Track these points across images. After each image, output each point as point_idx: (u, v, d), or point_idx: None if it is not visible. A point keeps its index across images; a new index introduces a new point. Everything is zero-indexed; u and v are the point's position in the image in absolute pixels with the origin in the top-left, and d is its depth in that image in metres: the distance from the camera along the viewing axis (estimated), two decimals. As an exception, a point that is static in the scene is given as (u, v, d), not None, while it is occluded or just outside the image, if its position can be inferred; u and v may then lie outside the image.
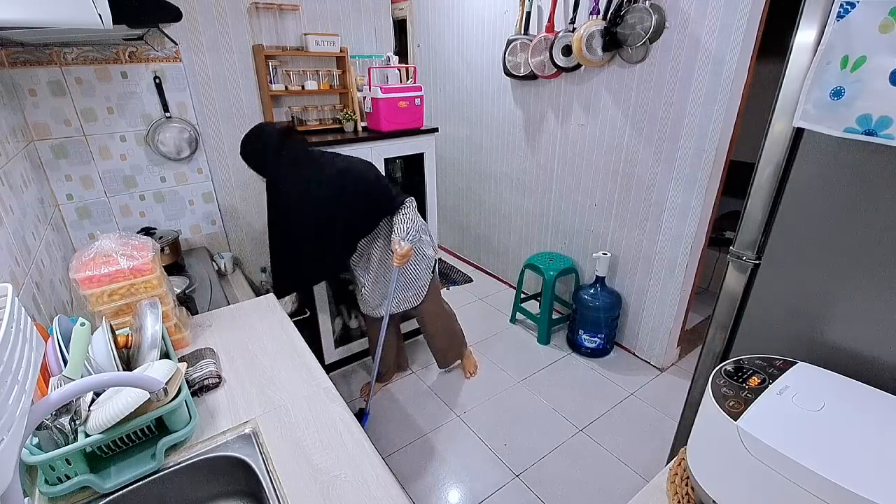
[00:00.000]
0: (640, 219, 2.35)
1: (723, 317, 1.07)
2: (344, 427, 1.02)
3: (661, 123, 2.13)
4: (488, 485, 1.83)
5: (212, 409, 1.07)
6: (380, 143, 2.13)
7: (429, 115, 2.06)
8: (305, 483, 0.88)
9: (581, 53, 2.15)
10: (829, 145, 0.81)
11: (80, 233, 1.90)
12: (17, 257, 1.14)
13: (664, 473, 0.91)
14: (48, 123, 1.72)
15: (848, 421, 0.68)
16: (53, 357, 0.92)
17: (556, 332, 2.80)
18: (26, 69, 1.64)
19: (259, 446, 0.96)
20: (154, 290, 1.20)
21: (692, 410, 0.88)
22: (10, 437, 0.51)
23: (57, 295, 1.40)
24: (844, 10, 0.72)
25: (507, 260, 3.35)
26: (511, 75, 2.71)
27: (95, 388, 0.70)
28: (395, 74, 2.19)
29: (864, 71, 0.71)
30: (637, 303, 2.50)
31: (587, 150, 2.52)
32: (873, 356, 0.82)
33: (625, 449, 1.98)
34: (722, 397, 0.74)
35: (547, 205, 2.88)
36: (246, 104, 2.13)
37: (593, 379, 2.43)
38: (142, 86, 1.87)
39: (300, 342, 1.34)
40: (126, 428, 0.87)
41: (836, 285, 0.85)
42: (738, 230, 0.99)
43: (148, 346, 1.03)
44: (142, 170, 1.97)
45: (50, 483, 0.82)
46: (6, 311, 0.57)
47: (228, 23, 1.98)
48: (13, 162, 1.37)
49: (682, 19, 1.93)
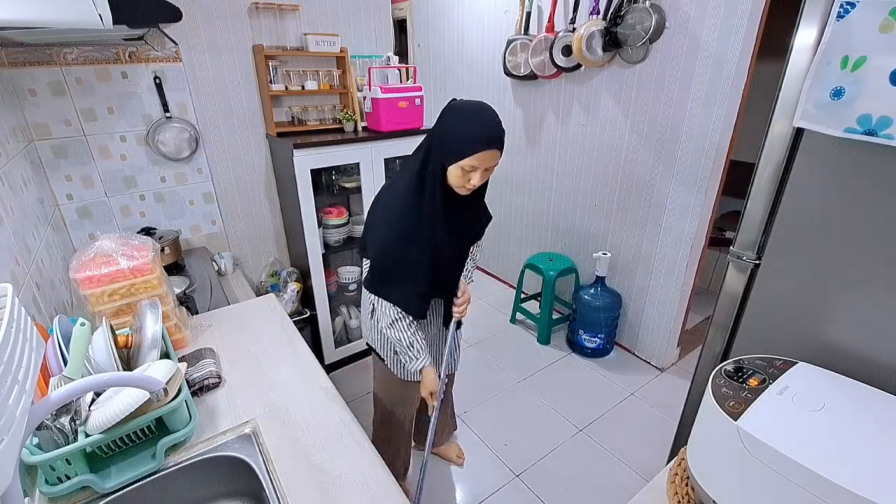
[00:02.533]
0: (640, 219, 2.35)
1: (723, 317, 1.07)
2: (344, 427, 1.02)
3: (661, 123, 2.13)
4: (488, 485, 1.83)
5: (212, 409, 1.07)
6: (380, 143, 2.13)
7: (429, 115, 2.05)
8: (305, 483, 0.88)
9: (581, 53, 2.15)
10: (829, 145, 0.81)
11: (81, 233, 1.90)
12: (18, 257, 1.14)
13: (664, 473, 0.92)
14: (48, 123, 1.72)
15: (848, 421, 0.68)
16: (53, 357, 0.92)
17: (556, 332, 2.79)
18: (26, 69, 1.64)
19: (259, 446, 0.96)
20: (154, 290, 1.20)
21: (692, 410, 0.88)
22: (10, 437, 0.51)
23: (57, 295, 1.40)
24: (844, 10, 0.72)
25: (507, 260, 3.35)
26: (511, 75, 2.71)
27: (95, 388, 0.70)
28: (395, 74, 2.19)
29: (865, 71, 0.71)
30: (637, 303, 2.50)
31: (587, 150, 2.52)
32: (873, 356, 0.82)
33: (625, 449, 1.98)
34: (722, 397, 0.74)
35: (547, 205, 2.88)
36: (246, 104, 2.13)
37: (593, 379, 2.43)
38: (142, 86, 1.87)
39: (300, 342, 1.34)
40: (126, 428, 0.87)
41: (837, 285, 0.85)
42: (738, 230, 0.99)
43: (148, 346, 1.03)
44: (142, 170, 1.97)
45: (50, 483, 0.82)
46: (6, 311, 0.57)
47: (228, 23, 1.98)
48: (13, 162, 1.37)
49: (682, 19, 1.93)
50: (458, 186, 1.13)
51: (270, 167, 2.29)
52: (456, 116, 1.09)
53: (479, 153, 1.05)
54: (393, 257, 1.18)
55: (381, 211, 1.21)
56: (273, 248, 2.47)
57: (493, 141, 1.07)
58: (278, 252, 2.49)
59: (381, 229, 1.19)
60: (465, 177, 1.10)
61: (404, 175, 1.20)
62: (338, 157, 2.05)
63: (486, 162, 1.08)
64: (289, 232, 2.41)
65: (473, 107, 1.10)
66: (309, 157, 1.96)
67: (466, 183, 1.11)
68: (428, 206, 1.14)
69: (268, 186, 2.33)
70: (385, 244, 1.19)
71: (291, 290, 2.26)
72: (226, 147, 2.15)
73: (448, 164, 1.09)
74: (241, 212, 2.30)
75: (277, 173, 2.28)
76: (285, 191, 2.22)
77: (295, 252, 2.39)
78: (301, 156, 1.93)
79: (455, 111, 1.10)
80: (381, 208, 1.21)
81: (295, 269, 2.41)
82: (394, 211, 1.17)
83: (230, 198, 2.24)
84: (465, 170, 1.08)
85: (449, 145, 1.08)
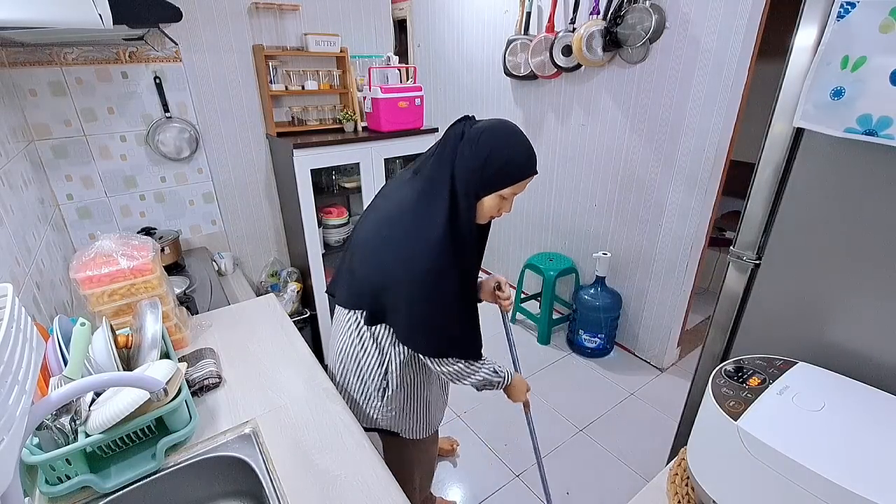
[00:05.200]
0: (640, 219, 2.35)
1: (723, 317, 1.07)
2: (344, 427, 1.02)
3: (661, 123, 2.13)
4: (488, 485, 1.83)
5: (212, 409, 1.07)
6: (380, 143, 2.13)
7: (429, 115, 2.06)
8: (305, 483, 0.88)
9: (581, 53, 2.15)
10: (830, 145, 0.81)
11: (81, 233, 1.90)
12: (18, 257, 1.14)
13: (664, 473, 0.92)
14: (48, 123, 1.72)
15: (848, 421, 0.68)
16: (53, 357, 0.92)
17: (557, 332, 2.79)
18: (26, 69, 1.64)
19: (259, 446, 0.96)
20: (154, 290, 1.20)
21: (692, 410, 0.88)
22: (11, 438, 0.51)
23: (57, 295, 1.40)
24: (844, 11, 0.72)
25: (507, 260, 3.35)
26: (511, 75, 2.71)
27: (95, 388, 0.70)
28: (395, 74, 2.19)
29: (865, 71, 0.71)
30: (637, 303, 2.50)
31: (587, 151, 2.52)
32: (873, 356, 0.82)
33: (625, 449, 1.98)
34: (722, 397, 0.74)
35: (547, 205, 2.88)
36: (246, 104, 2.13)
37: (593, 379, 2.43)
38: (142, 86, 1.87)
39: (300, 342, 1.34)
40: (126, 428, 0.87)
41: (837, 285, 0.85)
42: (738, 230, 0.99)
43: (148, 346, 1.03)
44: (142, 170, 1.97)
45: (50, 483, 0.82)
46: (6, 311, 0.57)
47: (228, 23, 1.98)
48: (13, 162, 1.36)
49: (682, 19, 1.93)
50: (487, 216, 1.03)
51: (270, 167, 2.29)
52: (495, 144, 0.97)
53: (527, 178, 0.99)
54: (454, 306, 1.02)
55: (421, 264, 0.97)
56: (273, 248, 2.47)
57: (535, 162, 1.01)
58: (278, 252, 2.49)
59: (435, 286, 0.98)
60: (501, 204, 1.02)
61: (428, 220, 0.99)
62: (338, 157, 2.05)
63: (525, 186, 1.01)
64: (289, 232, 2.41)
65: (507, 129, 1.00)
66: (309, 157, 1.96)
67: (499, 211, 1.03)
68: (468, 246, 1.02)
69: (268, 186, 2.33)
70: (445, 299, 1.00)
71: (291, 290, 2.26)
72: (226, 147, 2.15)
73: (485, 193, 0.99)
74: (241, 212, 2.30)
75: (277, 173, 2.28)
76: (285, 191, 2.22)
77: (295, 252, 2.39)
78: (301, 156, 1.93)
79: (492, 137, 0.97)
80: (418, 262, 0.97)
81: (295, 269, 2.41)
82: (440, 259, 0.97)
83: (230, 198, 2.24)
84: (504, 197, 1.00)
85: (488, 173, 0.96)
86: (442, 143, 1.02)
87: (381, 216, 1.08)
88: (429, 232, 0.97)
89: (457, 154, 0.98)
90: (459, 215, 0.98)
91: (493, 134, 0.98)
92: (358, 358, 1.13)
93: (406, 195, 1.04)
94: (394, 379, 1.12)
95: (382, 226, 1.05)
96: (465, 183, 0.97)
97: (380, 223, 1.06)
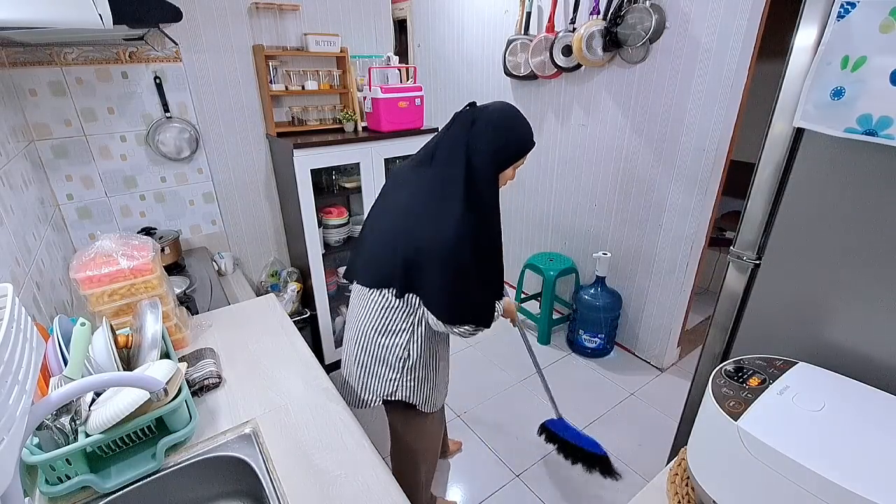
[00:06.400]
0: (641, 219, 2.35)
1: (723, 317, 1.07)
2: (344, 427, 1.02)
3: (661, 123, 2.13)
4: (488, 485, 1.83)
5: (212, 409, 1.07)
6: (380, 143, 2.13)
7: (429, 115, 2.06)
8: (305, 483, 0.88)
9: (581, 53, 2.15)
10: (830, 145, 0.81)
11: (81, 233, 1.90)
12: (18, 257, 1.14)
13: (664, 473, 0.92)
14: (48, 123, 1.72)
15: (848, 421, 0.68)
16: (53, 357, 0.92)
17: (557, 332, 2.80)
18: (26, 69, 1.64)
19: (259, 446, 0.96)
20: (154, 290, 1.20)
21: (692, 410, 0.88)
22: (11, 437, 0.51)
23: (57, 295, 1.40)
24: (844, 11, 0.72)
25: (507, 260, 3.34)
26: (511, 75, 2.71)
27: (96, 388, 0.70)
28: (395, 74, 2.19)
29: (865, 71, 0.71)
30: (637, 303, 2.50)
31: (587, 151, 2.52)
32: (873, 356, 0.82)
33: (625, 449, 1.98)
34: (722, 397, 0.74)
35: (547, 205, 2.88)
36: (246, 104, 2.13)
37: (593, 379, 2.43)
38: (142, 86, 1.87)
39: (300, 342, 1.34)
40: (126, 428, 0.87)
41: (837, 285, 0.85)
42: (738, 230, 0.99)
43: (148, 346, 1.03)
44: (142, 170, 1.97)
45: (50, 483, 0.82)
46: (6, 311, 0.57)
47: (228, 23, 1.98)
48: (13, 162, 1.37)
49: (682, 19, 1.93)
50: (502, 186, 1.18)
51: (270, 167, 2.29)
52: (511, 123, 1.12)
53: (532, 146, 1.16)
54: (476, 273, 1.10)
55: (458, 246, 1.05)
56: (273, 248, 2.47)
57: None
58: (278, 252, 2.49)
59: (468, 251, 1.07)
60: (512, 174, 1.18)
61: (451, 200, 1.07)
62: (338, 157, 2.05)
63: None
64: (289, 232, 2.41)
65: (514, 109, 1.14)
66: (309, 157, 1.96)
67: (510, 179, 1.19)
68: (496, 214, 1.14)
69: (268, 186, 2.33)
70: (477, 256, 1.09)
71: (291, 290, 2.26)
72: (226, 147, 2.15)
73: (504, 168, 1.13)
74: (241, 212, 2.30)
75: (277, 173, 2.28)
76: (285, 191, 2.22)
77: (295, 252, 2.39)
78: (301, 156, 1.93)
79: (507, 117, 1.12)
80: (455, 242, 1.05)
81: (295, 269, 2.41)
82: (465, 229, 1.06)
83: (230, 198, 2.24)
84: (515, 167, 1.17)
85: (511, 149, 1.13)
86: (451, 129, 1.14)
87: (403, 202, 1.16)
88: (454, 209, 1.07)
89: (471, 136, 1.09)
90: (482, 191, 1.09)
91: (507, 114, 1.12)
92: (383, 330, 1.19)
93: (425, 181, 1.14)
94: (415, 349, 1.19)
95: (409, 211, 1.13)
96: (489, 160, 1.09)
97: (406, 208, 1.15)
